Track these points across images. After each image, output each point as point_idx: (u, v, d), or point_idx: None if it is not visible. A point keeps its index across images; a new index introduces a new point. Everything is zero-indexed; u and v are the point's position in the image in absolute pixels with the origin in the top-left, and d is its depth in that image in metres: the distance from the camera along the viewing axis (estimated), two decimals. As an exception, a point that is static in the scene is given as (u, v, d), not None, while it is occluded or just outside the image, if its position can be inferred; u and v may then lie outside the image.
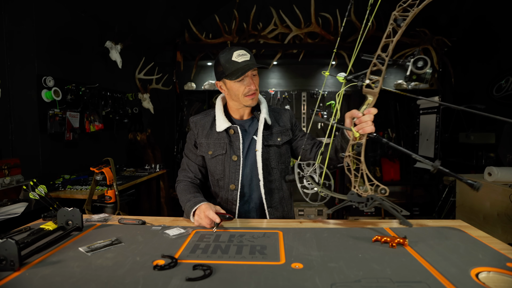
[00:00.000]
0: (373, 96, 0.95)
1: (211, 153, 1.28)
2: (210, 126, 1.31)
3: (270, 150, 1.29)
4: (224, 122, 1.27)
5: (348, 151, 0.98)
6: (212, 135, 1.29)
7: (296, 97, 4.44)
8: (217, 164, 1.29)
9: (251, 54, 1.23)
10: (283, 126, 1.35)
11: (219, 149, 1.27)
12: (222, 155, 1.27)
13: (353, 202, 0.99)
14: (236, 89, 1.22)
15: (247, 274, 0.71)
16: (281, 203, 1.32)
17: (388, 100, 4.19)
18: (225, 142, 1.27)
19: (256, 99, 1.26)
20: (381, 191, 0.96)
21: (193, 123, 1.35)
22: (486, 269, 0.72)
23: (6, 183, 1.81)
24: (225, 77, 1.21)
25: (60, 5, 2.44)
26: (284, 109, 1.43)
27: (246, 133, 1.31)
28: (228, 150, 1.27)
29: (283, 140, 1.32)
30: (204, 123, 1.33)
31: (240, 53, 1.19)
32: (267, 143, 1.28)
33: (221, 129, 1.26)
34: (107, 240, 0.92)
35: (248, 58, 1.20)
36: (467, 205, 2.55)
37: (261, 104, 1.34)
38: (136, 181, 2.65)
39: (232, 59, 1.18)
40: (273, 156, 1.30)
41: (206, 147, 1.30)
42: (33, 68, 2.19)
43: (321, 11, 3.77)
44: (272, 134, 1.31)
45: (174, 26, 3.92)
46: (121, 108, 3.22)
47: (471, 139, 3.25)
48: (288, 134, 1.34)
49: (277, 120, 1.35)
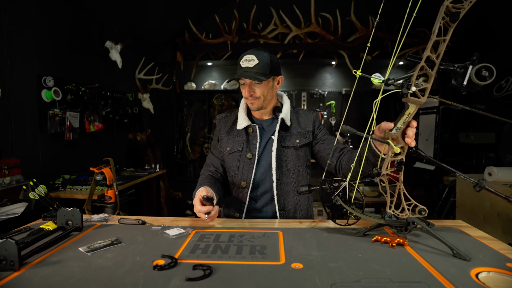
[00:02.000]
0: (417, 105, 0.81)
1: (229, 149, 1.32)
2: (232, 123, 1.36)
3: (287, 152, 1.28)
4: (244, 120, 1.30)
5: (385, 168, 0.86)
6: (233, 132, 1.34)
7: (296, 97, 4.44)
8: (233, 160, 1.31)
9: (261, 60, 1.19)
10: (304, 128, 1.33)
11: (236, 146, 1.31)
12: (238, 152, 1.30)
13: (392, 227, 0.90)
14: (242, 90, 1.27)
15: (247, 274, 0.71)
16: (296, 208, 1.29)
17: (388, 100, 4.19)
18: (243, 140, 1.30)
19: (256, 106, 1.26)
20: (420, 211, 0.87)
21: (218, 120, 1.41)
22: (486, 269, 0.72)
23: (6, 183, 1.81)
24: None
25: (60, 5, 2.44)
26: (309, 111, 1.41)
27: (264, 132, 1.32)
28: (244, 147, 1.29)
29: (301, 142, 1.30)
30: (227, 121, 1.38)
31: (247, 58, 1.20)
32: (284, 144, 1.28)
33: (241, 127, 1.30)
34: (107, 240, 0.92)
35: (251, 66, 1.19)
36: (467, 205, 2.55)
37: (284, 105, 1.34)
38: (136, 181, 2.65)
39: (240, 62, 1.23)
40: (290, 158, 1.28)
41: (225, 143, 1.34)
42: (33, 68, 2.20)
43: (321, 11, 3.77)
44: (291, 135, 1.30)
45: (174, 26, 3.92)
46: (121, 108, 3.22)
47: (471, 139, 3.25)
48: (308, 137, 1.32)
49: (299, 121, 1.34)
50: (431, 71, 0.77)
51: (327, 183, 0.94)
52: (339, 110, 4.44)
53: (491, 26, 3.44)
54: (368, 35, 3.81)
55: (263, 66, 1.20)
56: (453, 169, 0.88)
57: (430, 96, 0.82)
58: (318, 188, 0.95)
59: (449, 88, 4.05)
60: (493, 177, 2.27)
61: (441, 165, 0.89)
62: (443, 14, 0.73)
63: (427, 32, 3.73)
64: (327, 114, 4.41)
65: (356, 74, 0.85)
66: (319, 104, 4.43)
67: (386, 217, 0.89)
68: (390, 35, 3.84)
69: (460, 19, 0.72)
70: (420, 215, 0.88)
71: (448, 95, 4.07)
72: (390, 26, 3.80)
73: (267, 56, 1.22)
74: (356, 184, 0.90)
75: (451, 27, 0.74)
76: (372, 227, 0.95)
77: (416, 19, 0.75)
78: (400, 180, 0.86)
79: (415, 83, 0.79)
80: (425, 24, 3.72)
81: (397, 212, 0.89)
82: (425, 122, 3.65)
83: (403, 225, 0.89)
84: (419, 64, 0.77)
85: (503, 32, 3.31)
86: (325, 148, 1.29)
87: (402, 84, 0.81)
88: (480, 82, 0.73)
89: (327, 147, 1.29)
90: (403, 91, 0.80)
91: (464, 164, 3.43)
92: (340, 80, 4.51)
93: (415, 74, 0.79)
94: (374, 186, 3.95)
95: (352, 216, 0.93)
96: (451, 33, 0.74)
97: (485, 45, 3.53)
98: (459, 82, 0.76)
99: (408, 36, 3.78)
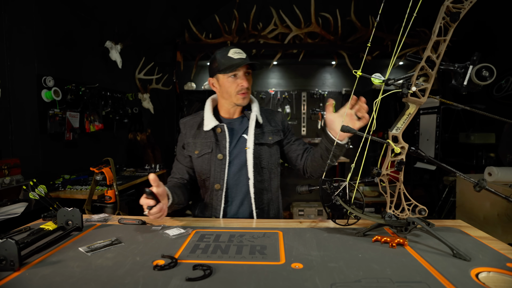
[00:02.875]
0: (417, 105, 0.82)
1: (198, 152, 1.28)
2: (198, 126, 1.32)
3: (262, 149, 1.28)
4: (211, 120, 1.27)
5: (385, 168, 0.87)
6: (200, 135, 1.29)
7: (296, 97, 4.44)
8: (203, 163, 1.28)
9: (247, 55, 1.24)
10: (275, 127, 1.34)
11: (205, 148, 1.27)
12: (208, 154, 1.27)
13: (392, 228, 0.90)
14: (228, 86, 1.22)
15: (247, 274, 0.71)
16: (269, 205, 1.31)
17: (388, 100, 4.19)
18: (211, 141, 1.27)
19: (247, 99, 1.26)
20: (420, 211, 0.87)
21: (182, 124, 1.36)
22: (486, 269, 0.72)
23: (6, 183, 1.81)
24: (219, 72, 1.22)
25: (60, 5, 2.44)
26: (276, 111, 1.43)
27: (234, 131, 1.30)
28: (214, 149, 1.26)
29: (274, 140, 1.31)
30: (192, 124, 1.33)
31: (237, 51, 1.21)
32: (259, 141, 1.27)
33: (208, 128, 1.26)
34: (107, 240, 0.92)
35: (244, 57, 1.21)
36: (467, 205, 2.55)
37: (253, 103, 1.33)
38: (136, 181, 2.65)
39: (228, 55, 1.20)
40: (264, 155, 1.29)
41: (193, 147, 1.29)
42: (33, 68, 2.19)
43: (321, 11, 3.77)
44: (264, 133, 1.30)
45: (174, 26, 3.92)
46: (121, 108, 3.22)
47: (471, 139, 3.25)
48: (280, 135, 1.34)
49: (269, 120, 1.35)
50: (431, 71, 0.77)
51: (327, 183, 0.93)
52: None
53: (491, 26, 3.44)
54: (368, 35, 3.81)
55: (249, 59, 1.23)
56: (453, 169, 0.88)
57: (430, 96, 0.82)
58: (318, 188, 0.95)
59: (449, 88, 4.05)
60: (493, 177, 2.27)
61: (441, 165, 0.89)
62: (444, 14, 0.73)
63: (427, 32, 3.73)
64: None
65: (356, 74, 0.85)
66: (319, 104, 4.43)
67: (386, 217, 0.89)
68: (390, 35, 3.84)
69: (460, 19, 0.72)
70: (420, 215, 0.88)
71: (449, 95, 4.07)
72: (390, 26, 3.79)
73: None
74: (356, 184, 0.90)
75: (451, 27, 0.74)
76: (372, 227, 0.95)
77: (416, 19, 0.75)
78: (400, 180, 0.86)
79: (415, 83, 0.79)
80: (425, 24, 3.72)
81: (397, 212, 0.89)
82: (426, 122, 3.65)
83: (403, 225, 0.89)
84: (419, 64, 0.77)
85: (503, 32, 3.31)
86: (296, 149, 1.34)
87: (402, 84, 0.81)
88: (480, 82, 0.73)
89: (297, 147, 1.34)
90: (403, 91, 0.80)
91: (464, 164, 3.43)
92: (340, 80, 4.51)
93: (415, 74, 0.79)
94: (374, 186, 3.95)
95: (352, 216, 0.93)
96: (451, 33, 0.74)
97: (485, 45, 3.53)
98: (459, 82, 0.76)
99: (408, 36, 3.78)
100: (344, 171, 4.28)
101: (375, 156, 4.22)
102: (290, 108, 4.43)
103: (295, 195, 4.45)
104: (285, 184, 4.39)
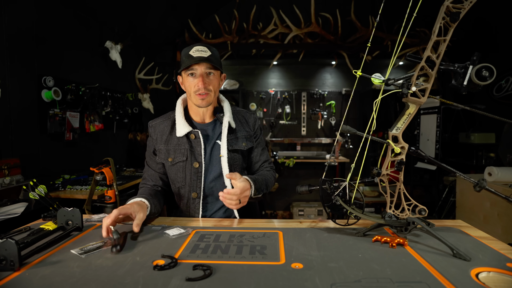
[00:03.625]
0: (417, 105, 0.82)
1: (171, 160, 1.21)
2: (169, 130, 1.23)
3: (235, 156, 1.24)
4: (184, 126, 1.19)
5: (385, 168, 0.87)
6: (172, 141, 1.22)
7: (296, 97, 4.44)
8: (177, 171, 1.22)
9: (213, 52, 1.15)
10: (248, 131, 1.29)
11: (179, 156, 1.20)
12: (182, 162, 1.20)
13: (392, 228, 0.90)
14: (188, 84, 1.16)
15: (247, 274, 0.71)
16: (250, 207, 1.27)
17: (388, 100, 4.19)
18: (185, 148, 1.20)
19: (207, 101, 1.17)
20: (420, 211, 0.87)
21: (152, 127, 1.26)
22: (486, 269, 0.72)
23: (6, 183, 1.81)
24: (180, 70, 1.16)
25: (60, 5, 2.44)
26: (250, 112, 1.35)
27: (208, 137, 1.24)
28: (189, 156, 1.20)
29: (247, 146, 1.27)
30: (163, 128, 1.24)
31: (199, 48, 1.12)
32: (232, 147, 1.23)
33: (181, 134, 1.19)
34: (99, 242, 0.92)
35: (205, 56, 1.12)
36: (467, 205, 2.55)
37: (224, 106, 1.26)
38: (136, 181, 2.65)
39: (189, 53, 1.13)
40: (238, 161, 1.25)
41: (165, 154, 1.22)
42: (33, 68, 2.20)
43: (321, 11, 3.77)
44: (238, 139, 1.25)
45: (174, 26, 3.92)
46: (121, 108, 3.23)
47: (471, 139, 3.25)
48: (252, 141, 1.30)
49: (242, 123, 1.29)
50: (431, 71, 0.78)
51: (327, 183, 0.93)
52: (339, 110, 4.44)
53: (491, 25, 3.44)
54: (368, 35, 3.81)
55: (215, 58, 1.16)
56: (453, 169, 0.88)
57: (430, 96, 0.83)
58: (318, 188, 0.95)
59: (449, 88, 4.05)
60: (493, 177, 2.27)
61: (441, 165, 0.89)
62: (444, 14, 0.73)
63: (427, 32, 3.73)
64: (327, 114, 4.41)
65: (356, 74, 0.85)
66: (319, 104, 4.43)
67: (386, 217, 0.89)
68: (390, 35, 3.84)
69: (460, 19, 0.72)
70: (420, 215, 0.88)
71: (449, 95, 4.07)
72: (390, 26, 3.80)
73: (216, 51, 1.17)
74: (356, 184, 0.90)
75: (451, 27, 0.74)
76: (372, 227, 0.95)
77: (416, 19, 0.75)
78: (400, 180, 0.86)
79: (415, 83, 0.79)
80: (425, 24, 3.72)
81: (397, 212, 0.89)
82: (426, 122, 3.65)
83: (403, 225, 0.89)
84: (419, 64, 0.77)
85: (503, 32, 3.31)
86: (256, 156, 1.33)
87: (402, 84, 0.81)
88: (480, 82, 0.74)
89: (259, 157, 1.33)
90: (403, 91, 0.81)
91: (464, 164, 3.43)
92: (340, 80, 4.51)
93: (415, 74, 0.79)
94: (374, 186, 3.95)
95: (352, 216, 0.93)
96: (451, 33, 0.74)
97: (485, 45, 3.53)
98: (459, 82, 0.76)
99: (408, 36, 3.78)
100: (344, 171, 4.28)
101: (375, 156, 4.22)
102: (290, 108, 4.43)
103: (295, 195, 4.45)
104: (285, 184, 4.39)
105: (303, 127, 4.47)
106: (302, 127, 4.48)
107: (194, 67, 1.13)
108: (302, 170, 4.52)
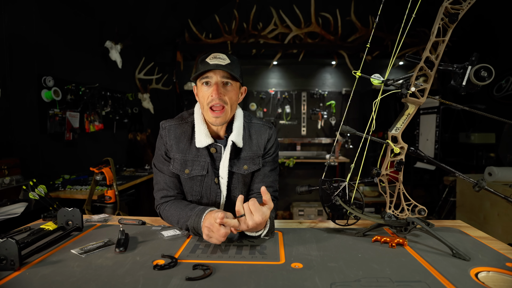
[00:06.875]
0: (416, 106, 0.82)
1: (188, 172, 1.06)
2: (187, 138, 1.08)
3: (233, 178, 1.10)
4: (206, 137, 1.04)
5: (384, 168, 0.86)
6: (190, 151, 1.07)
7: (296, 97, 4.44)
8: (194, 185, 1.09)
9: (233, 61, 1.01)
10: (255, 152, 1.11)
11: (198, 169, 1.06)
12: (201, 176, 1.07)
13: (392, 228, 0.90)
14: (201, 94, 1.02)
15: (247, 274, 0.71)
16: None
17: (388, 100, 4.19)
18: (206, 162, 1.06)
19: (222, 120, 1.01)
20: (419, 211, 0.87)
21: (165, 130, 1.10)
22: (485, 269, 0.72)
23: (6, 183, 1.81)
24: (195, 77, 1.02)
25: (60, 5, 2.44)
26: (266, 126, 1.15)
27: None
28: (210, 171, 1.07)
29: (249, 170, 1.10)
30: (180, 134, 1.09)
31: (217, 56, 0.99)
32: (232, 169, 1.08)
33: (202, 145, 1.04)
34: (99, 241, 0.92)
35: (223, 63, 0.97)
36: (467, 205, 2.55)
37: (235, 122, 1.09)
38: (136, 181, 2.66)
39: (206, 60, 1.00)
40: (236, 184, 1.10)
41: (181, 165, 1.07)
42: (33, 68, 2.20)
43: (321, 11, 3.77)
44: (240, 160, 1.09)
45: (174, 26, 3.92)
46: (121, 108, 3.23)
47: (471, 139, 3.25)
48: (258, 163, 1.11)
49: (251, 142, 1.11)
50: (431, 71, 0.78)
51: (327, 183, 0.93)
52: (339, 110, 4.44)
53: (491, 26, 3.44)
54: (368, 35, 3.81)
55: (235, 67, 1.00)
56: (452, 170, 0.88)
57: (430, 96, 0.83)
58: (318, 189, 0.95)
59: (449, 88, 4.05)
60: (493, 177, 2.27)
61: (441, 165, 0.89)
62: (442, 15, 0.73)
63: (427, 32, 3.72)
64: (327, 114, 4.42)
65: (355, 74, 0.85)
66: (319, 104, 4.43)
67: (386, 217, 0.89)
68: (390, 35, 3.84)
69: (459, 20, 0.72)
70: (419, 215, 0.88)
71: (448, 95, 4.07)
72: (390, 26, 3.80)
73: (237, 60, 1.04)
74: (356, 184, 0.90)
75: (450, 27, 0.74)
76: (372, 227, 0.96)
77: (416, 19, 0.75)
78: (400, 180, 0.86)
79: (415, 84, 0.80)
80: (425, 24, 3.72)
81: (397, 212, 0.89)
82: (426, 122, 3.65)
83: (402, 225, 0.89)
84: (419, 65, 0.78)
85: (503, 32, 3.31)
86: (257, 175, 1.13)
87: (402, 85, 0.82)
88: (479, 82, 0.74)
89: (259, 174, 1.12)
90: (403, 91, 0.81)
91: (464, 164, 3.43)
92: (340, 80, 4.51)
93: (415, 75, 0.79)
94: (374, 186, 3.95)
95: (352, 216, 0.93)
96: (450, 34, 0.74)
97: (485, 45, 3.53)
98: (458, 83, 0.76)
99: (408, 36, 3.78)
100: (344, 171, 4.28)
101: (375, 156, 4.22)
102: (290, 108, 4.43)
103: (295, 195, 4.45)
104: (285, 184, 4.40)
105: (303, 127, 4.47)
106: (302, 127, 4.48)
107: (209, 74, 0.99)
108: (302, 170, 4.53)
